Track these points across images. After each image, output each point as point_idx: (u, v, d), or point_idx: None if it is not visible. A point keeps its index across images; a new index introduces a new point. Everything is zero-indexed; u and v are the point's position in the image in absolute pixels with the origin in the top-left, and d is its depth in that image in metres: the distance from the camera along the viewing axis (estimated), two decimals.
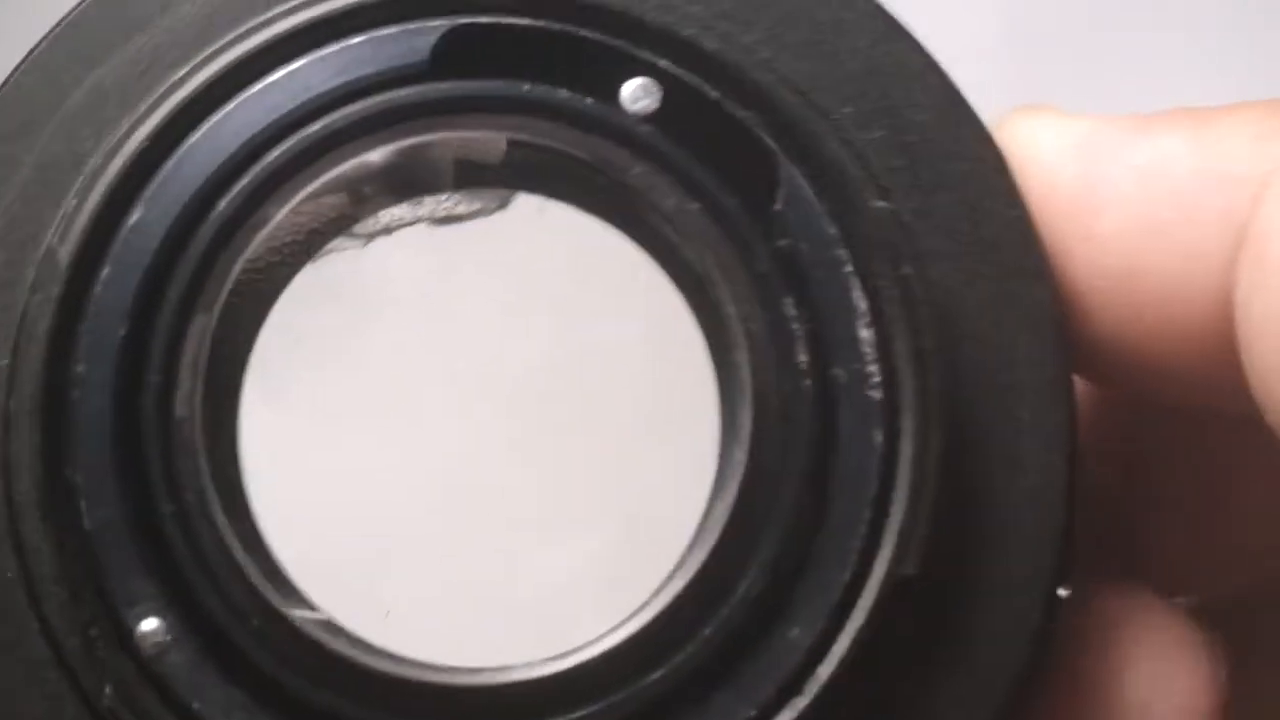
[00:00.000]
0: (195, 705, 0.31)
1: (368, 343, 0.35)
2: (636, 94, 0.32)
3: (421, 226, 0.34)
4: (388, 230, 0.34)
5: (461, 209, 0.34)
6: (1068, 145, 0.33)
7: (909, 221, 0.33)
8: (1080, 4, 0.96)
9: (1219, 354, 0.31)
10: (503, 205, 0.34)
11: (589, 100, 0.32)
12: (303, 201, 0.32)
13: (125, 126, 0.32)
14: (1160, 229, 0.31)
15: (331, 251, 0.34)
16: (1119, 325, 0.32)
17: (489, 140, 0.33)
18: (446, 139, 0.33)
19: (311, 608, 0.32)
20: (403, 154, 0.33)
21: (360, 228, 0.34)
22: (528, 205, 0.34)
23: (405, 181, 0.34)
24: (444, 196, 0.34)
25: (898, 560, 0.31)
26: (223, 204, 0.31)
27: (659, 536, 0.33)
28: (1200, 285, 0.31)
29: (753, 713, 0.31)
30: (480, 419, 0.35)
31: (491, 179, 0.34)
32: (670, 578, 0.32)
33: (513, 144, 0.33)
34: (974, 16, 0.96)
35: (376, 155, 0.33)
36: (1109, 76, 0.96)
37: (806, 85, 0.33)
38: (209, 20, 0.33)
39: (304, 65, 0.32)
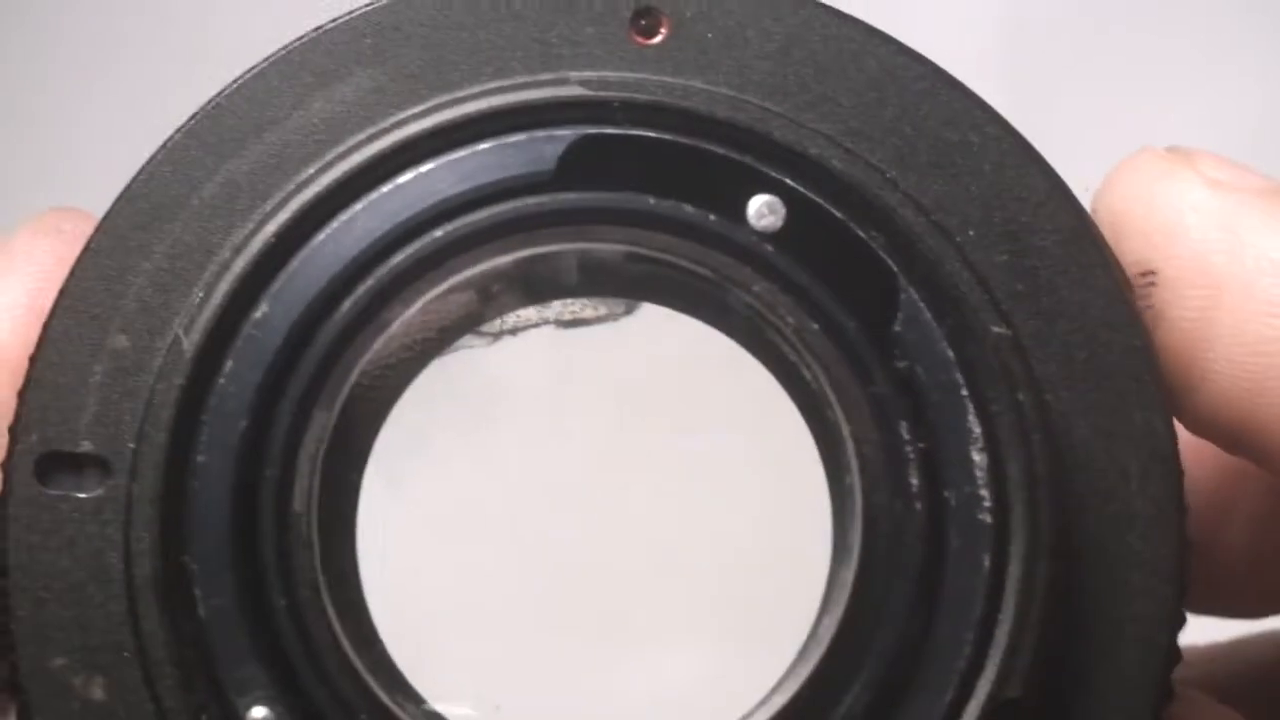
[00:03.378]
0: None
1: (489, 442, 0.35)
2: (761, 211, 0.32)
3: (548, 329, 0.35)
4: (514, 330, 0.35)
5: (588, 313, 0.35)
6: (1214, 224, 0.32)
7: (1027, 347, 0.33)
8: (1081, 11, 0.95)
9: None
10: (629, 311, 0.34)
11: (713, 216, 0.32)
12: (431, 301, 0.33)
13: (254, 221, 0.32)
14: None
15: (459, 349, 0.35)
16: (1259, 418, 0.33)
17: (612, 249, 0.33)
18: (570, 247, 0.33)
19: (419, 703, 0.33)
20: (531, 256, 0.33)
21: (488, 327, 0.35)
22: (654, 313, 0.34)
23: (532, 282, 0.34)
24: (570, 300, 0.34)
25: (1001, 682, 0.31)
26: (346, 305, 0.32)
27: (765, 653, 0.33)
28: None
29: None
30: (594, 525, 0.35)
31: (615, 285, 0.34)
32: (773, 693, 0.32)
33: (633, 255, 0.33)
34: (973, 17, 0.95)
35: (522, 255, 0.33)
36: (1109, 77, 0.96)
37: (931, 206, 0.33)
38: (341, 120, 0.33)
39: (431, 170, 0.32)
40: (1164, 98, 0.95)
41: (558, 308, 0.35)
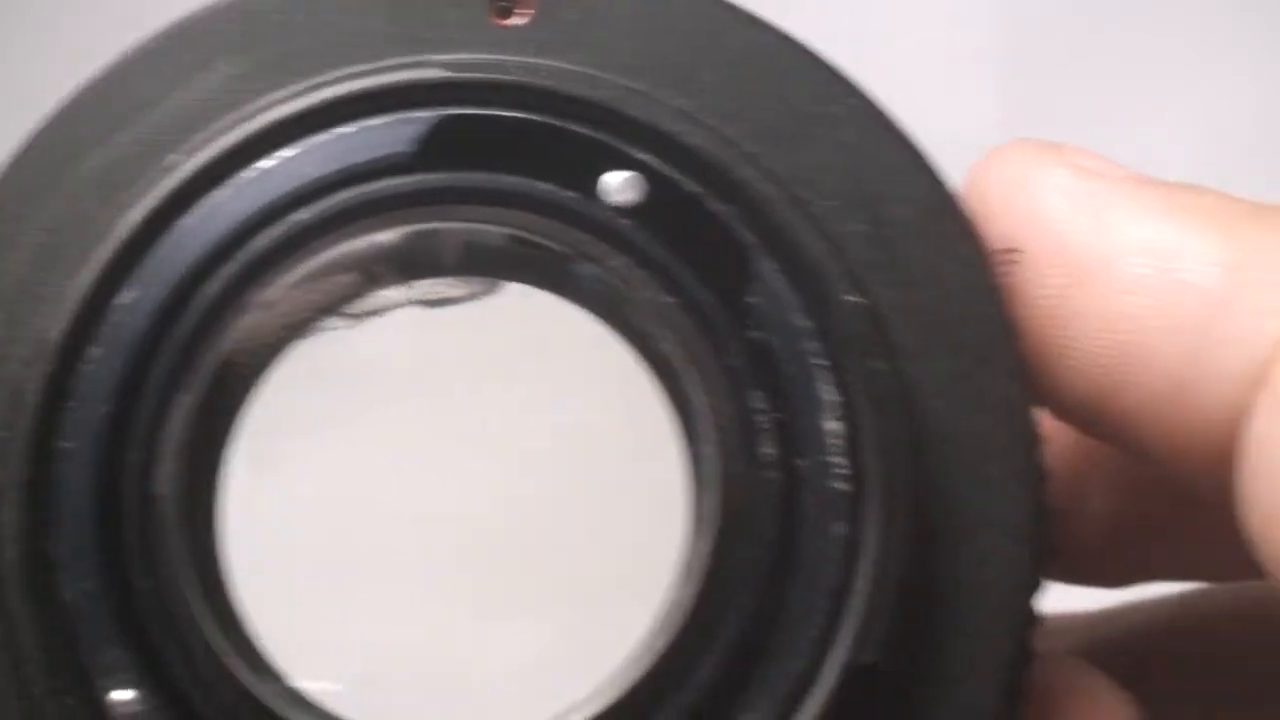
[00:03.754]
0: None
1: (353, 421, 0.35)
2: (618, 187, 0.32)
3: (412, 308, 0.35)
4: (379, 311, 0.35)
5: (453, 291, 0.35)
6: (1076, 213, 0.33)
7: (885, 316, 0.33)
8: (1078, 9, 0.95)
9: (1210, 464, 0.32)
10: (493, 289, 0.35)
11: (571, 193, 0.32)
12: (314, 281, 0.33)
13: (121, 207, 0.33)
14: (1181, 337, 0.32)
15: (322, 330, 0.35)
16: (1115, 399, 0.33)
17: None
18: (444, 226, 0.33)
19: (283, 682, 0.33)
20: (413, 236, 0.34)
21: (352, 308, 0.35)
22: (519, 291, 0.35)
23: (414, 263, 0.34)
24: (435, 280, 0.35)
25: (856, 649, 0.31)
26: (210, 288, 0.32)
27: (626, 625, 0.34)
28: (1209, 401, 0.31)
29: None
30: (458, 501, 0.35)
31: (497, 264, 0.34)
32: (629, 662, 0.32)
33: (509, 237, 0.33)
34: (972, 17, 0.95)
35: (386, 236, 0.33)
36: (1108, 77, 0.96)
37: (790, 179, 0.33)
38: (206, 107, 0.33)
39: (295, 154, 0.32)
40: (1162, 97, 0.95)
41: (424, 287, 0.35)
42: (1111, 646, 0.40)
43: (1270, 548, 0.31)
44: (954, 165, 0.35)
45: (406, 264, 0.34)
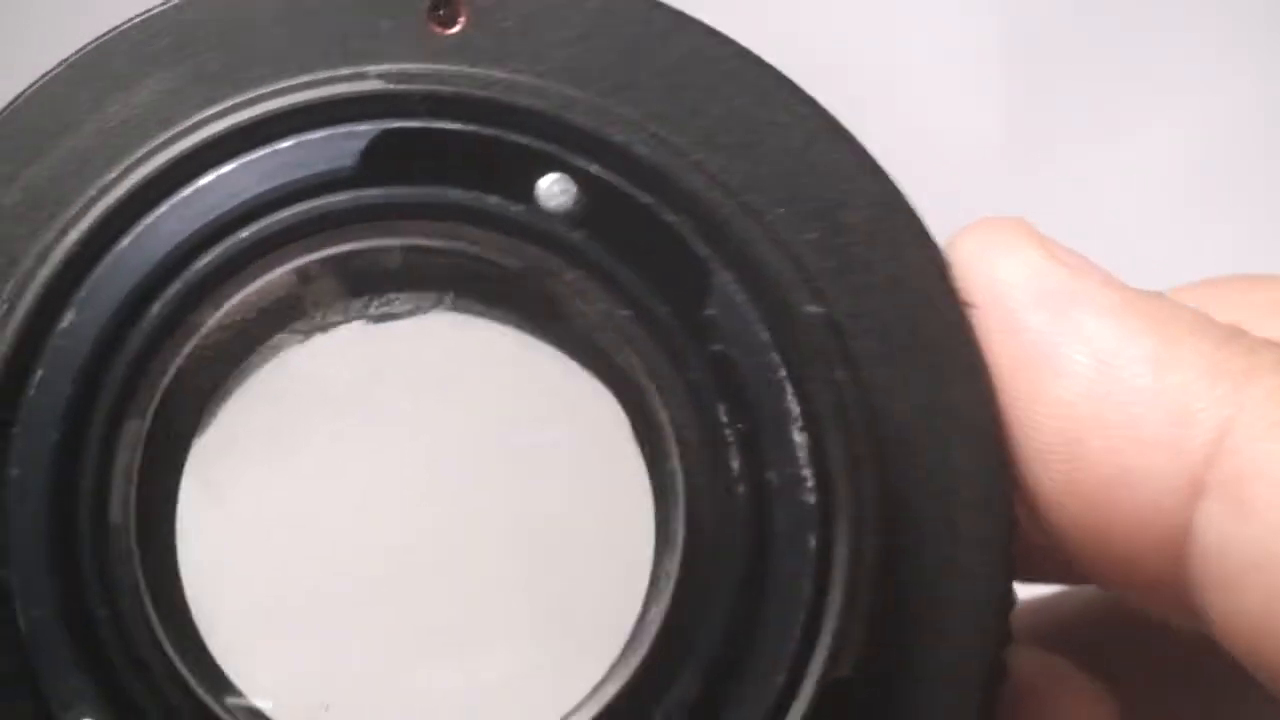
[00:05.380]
0: None
1: (303, 442, 0.35)
2: (563, 200, 0.32)
3: (359, 324, 0.34)
4: (325, 328, 0.34)
5: (398, 307, 0.34)
6: (1035, 292, 0.33)
7: (843, 325, 0.33)
8: (1079, 9, 0.95)
9: (1160, 564, 0.32)
10: (439, 304, 0.34)
11: (519, 206, 0.32)
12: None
13: (57, 228, 0.32)
14: (1111, 431, 0.32)
15: (274, 349, 0.34)
16: (1060, 493, 0.33)
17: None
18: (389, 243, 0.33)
19: (248, 705, 0.33)
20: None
21: (300, 325, 0.34)
22: (467, 306, 0.34)
23: (350, 266, 0.34)
24: (381, 296, 0.34)
25: (832, 663, 0.31)
26: (153, 310, 0.32)
27: (593, 646, 0.33)
28: (1146, 501, 0.32)
29: None
30: (412, 522, 0.35)
31: (434, 273, 0.33)
32: (604, 683, 0.32)
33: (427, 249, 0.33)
34: (975, 19, 0.96)
35: (310, 256, 0.33)
36: (1109, 78, 0.96)
37: (740, 187, 0.33)
38: (140, 122, 0.33)
39: (232, 170, 0.32)
40: (1162, 97, 0.95)
41: (371, 304, 0.34)
42: (1059, 629, 0.40)
43: (1241, 650, 0.31)
44: (956, 166, 0.35)
45: (357, 267, 0.34)
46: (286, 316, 0.34)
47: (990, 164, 0.94)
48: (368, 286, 0.34)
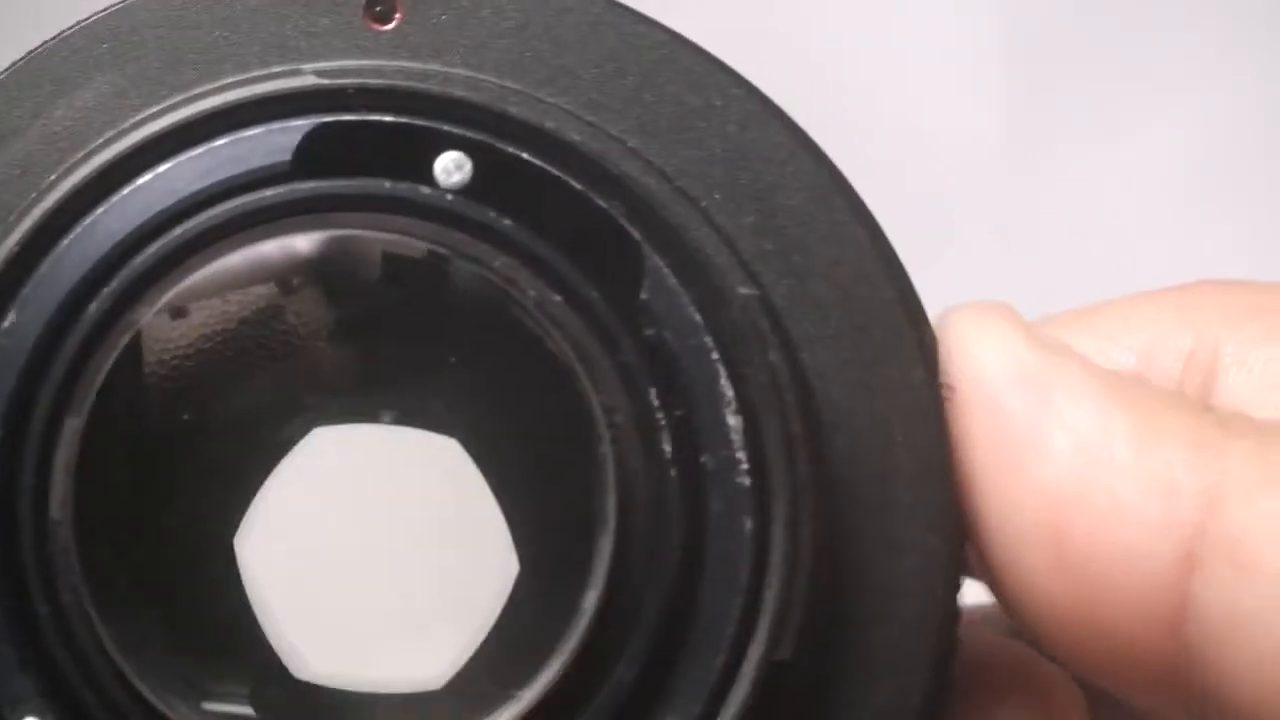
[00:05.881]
0: None
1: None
2: (448, 168, 0.32)
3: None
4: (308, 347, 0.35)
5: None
6: (1015, 375, 0.33)
7: (780, 307, 0.33)
8: (1079, 9, 0.95)
9: (1158, 641, 0.32)
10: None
11: (450, 196, 0.32)
12: (229, 289, 0.33)
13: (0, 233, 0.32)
14: (1097, 511, 0.32)
15: (242, 345, 0.34)
16: (1046, 578, 0.32)
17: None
18: (364, 234, 0.33)
19: (195, 702, 0.33)
20: (327, 245, 0.33)
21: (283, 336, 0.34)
22: None
23: (332, 275, 0.34)
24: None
25: (772, 645, 0.31)
26: (91, 309, 0.32)
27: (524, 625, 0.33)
28: (1139, 578, 0.31)
29: None
30: (347, 519, 0.36)
31: (420, 272, 0.34)
32: (541, 669, 0.32)
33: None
34: (975, 19, 0.95)
35: (304, 244, 0.33)
36: (1109, 78, 0.96)
37: (675, 172, 0.33)
38: (82, 126, 0.33)
39: (169, 168, 0.32)
40: (1162, 97, 0.95)
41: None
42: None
43: (1250, 711, 0.31)
44: (956, 166, 0.35)
45: (322, 274, 0.34)
46: (276, 311, 0.34)
47: (990, 164, 0.94)
48: (356, 286, 0.34)
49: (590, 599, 0.31)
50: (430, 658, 0.35)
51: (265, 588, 0.35)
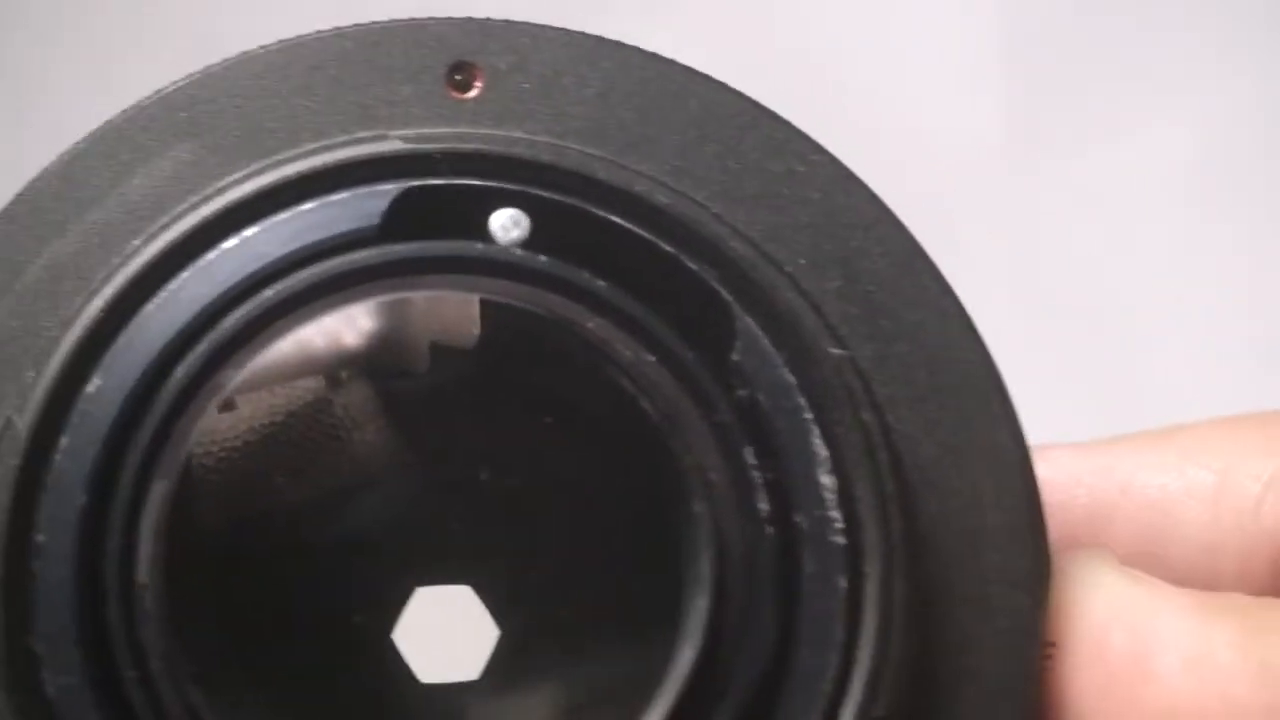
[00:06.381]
0: None
1: None
2: (507, 223, 0.32)
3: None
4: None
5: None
6: (1119, 615, 0.33)
7: (867, 370, 0.33)
8: (1079, 9, 0.95)
9: None
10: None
11: (543, 258, 0.32)
12: (276, 382, 0.33)
13: (81, 298, 0.32)
14: (1211, 714, 0.32)
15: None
16: None
17: (460, 319, 0.34)
18: (419, 317, 0.33)
19: None
20: (377, 337, 0.34)
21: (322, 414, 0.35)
22: None
23: (379, 368, 0.34)
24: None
25: (866, 705, 0.31)
26: (179, 372, 0.32)
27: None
28: None
29: None
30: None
31: (465, 362, 0.34)
32: None
33: (484, 306, 0.33)
34: (975, 20, 0.96)
35: (350, 338, 0.33)
36: (1109, 79, 0.96)
37: (760, 238, 0.33)
38: (161, 193, 0.33)
39: (256, 233, 0.32)
40: (1162, 97, 0.95)
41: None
42: None
43: None
44: (956, 166, 0.35)
45: (371, 367, 0.35)
46: (324, 405, 0.35)
47: (990, 164, 0.94)
48: (386, 373, 0.34)
49: (686, 657, 0.32)
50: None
51: None
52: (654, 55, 0.34)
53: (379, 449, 0.36)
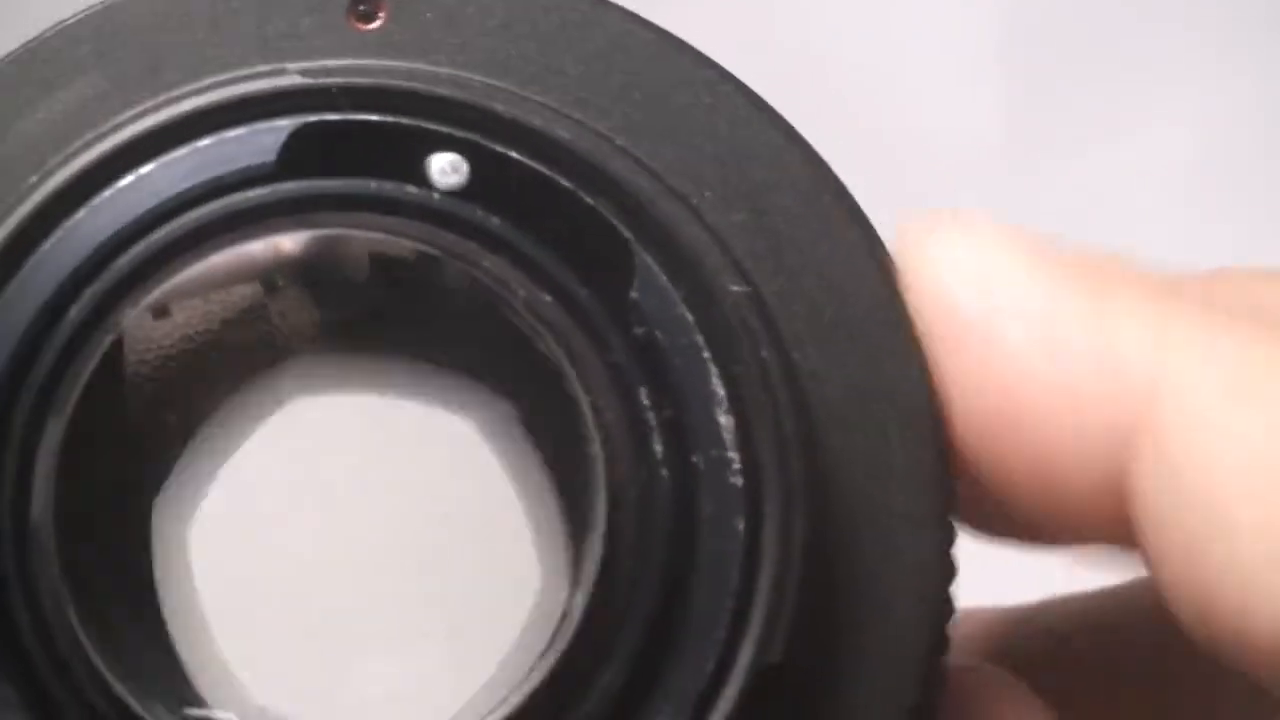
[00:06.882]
0: None
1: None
2: (441, 168, 0.32)
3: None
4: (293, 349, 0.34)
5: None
6: (969, 276, 0.32)
7: (772, 306, 0.32)
8: (1079, 8, 0.95)
9: (1109, 525, 0.32)
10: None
11: (437, 195, 0.32)
12: (212, 291, 0.33)
13: None
14: (1048, 392, 0.32)
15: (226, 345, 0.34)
16: (1000, 470, 0.32)
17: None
18: (345, 235, 0.33)
19: (177, 709, 0.32)
20: (312, 244, 0.33)
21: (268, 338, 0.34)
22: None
23: (316, 275, 0.34)
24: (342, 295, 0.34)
25: (763, 648, 0.31)
26: (73, 312, 0.31)
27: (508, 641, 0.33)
28: (1086, 462, 0.31)
29: None
30: (321, 523, 0.35)
31: (407, 274, 0.33)
32: (531, 673, 0.31)
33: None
34: (975, 18, 0.96)
35: (289, 243, 0.33)
36: (1109, 78, 0.96)
37: (664, 171, 0.32)
38: (62, 128, 0.33)
39: (152, 170, 0.32)
40: (1162, 97, 0.95)
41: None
42: (1034, 648, 0.40)
43: (1186, 617, 0.31)
44: (955, 165, 0.35)
45: (308, 273, 0.34)
46: (259, 311, 0.34)
47: (990, 163, 0.94)
48: (343, 286, 0.34)
49: (578, 601, 0.31)
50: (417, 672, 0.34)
51: (216, 595, 0.34)
52: None
53: (303, 366, 0.35)
